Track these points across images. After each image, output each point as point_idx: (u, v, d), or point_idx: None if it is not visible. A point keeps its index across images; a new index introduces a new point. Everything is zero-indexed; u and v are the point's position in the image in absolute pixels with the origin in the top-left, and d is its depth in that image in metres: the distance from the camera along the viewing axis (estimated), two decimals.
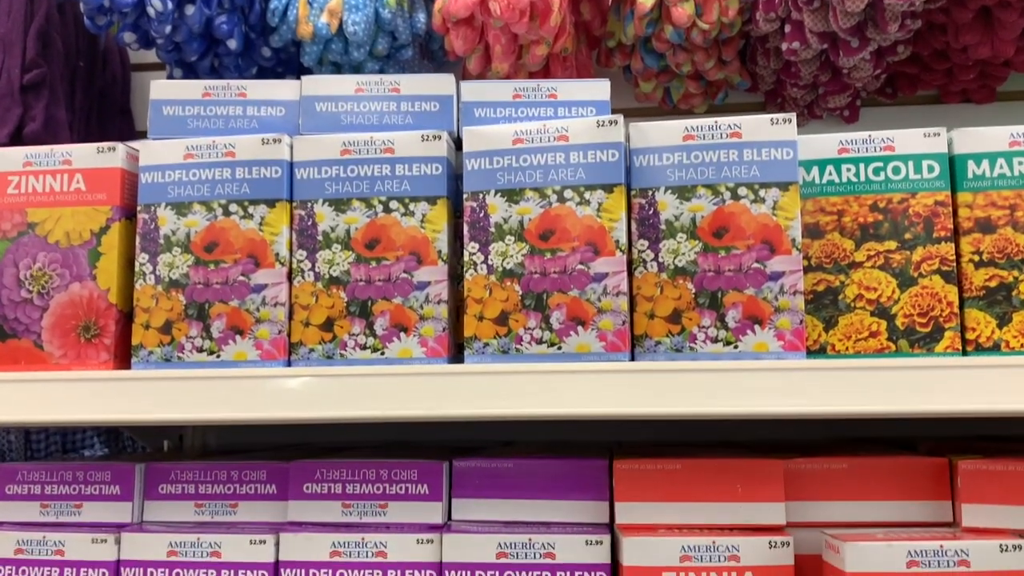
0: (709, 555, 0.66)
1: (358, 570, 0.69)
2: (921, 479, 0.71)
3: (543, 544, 0.69)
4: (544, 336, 0.68)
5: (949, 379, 0.63)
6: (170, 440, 1.08)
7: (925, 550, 0.62)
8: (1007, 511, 0.67)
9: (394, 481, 0.73)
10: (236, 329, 0.71)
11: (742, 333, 0.68)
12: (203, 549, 0.71)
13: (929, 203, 0.71)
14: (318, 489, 0.73)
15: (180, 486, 0.76)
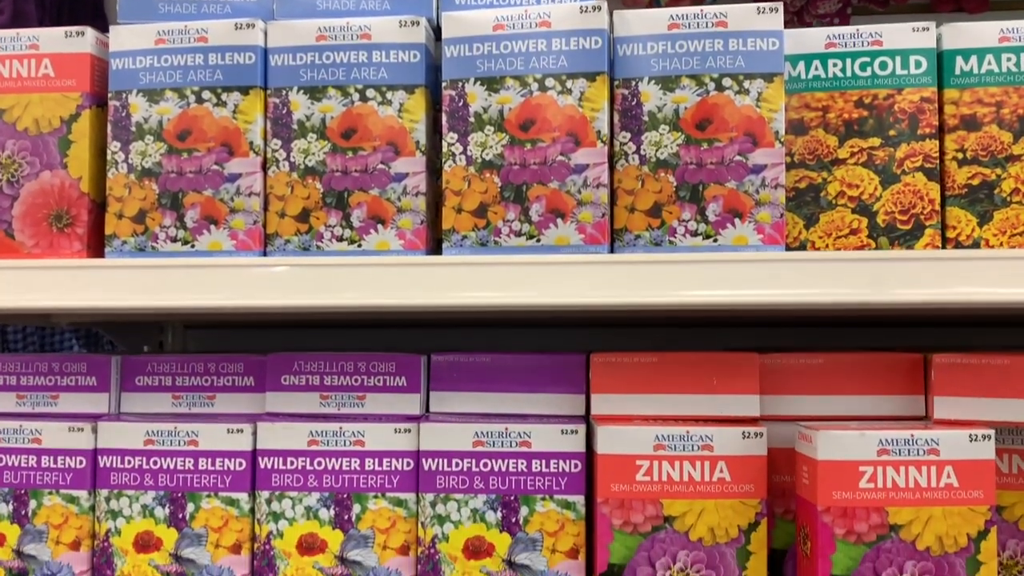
0: (683, 444, 0.67)
1: (336, 458, 0.70)
2: (896, 374, 0.71)
3: (519, 433, 0.69)
4: (523, 228, 0.68)
5: (928, 271, 0.63)
6: (150, 346, 1.08)
7: (896, 439, 0.63)
8: (978, 403, 0.67)
9: (372, 373, 0.73)
10: (210, 219, 0.70)
11: (722, 227, 0.67)
12: (180, 438, 0.71)
13: (915, 99, 0.70)
14: (296, 381, 0.73)
15: (157, 378, 0.76)
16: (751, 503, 0.67)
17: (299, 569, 0.70)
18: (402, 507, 0.70)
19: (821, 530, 0.63)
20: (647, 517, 0.67)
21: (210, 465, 0.71)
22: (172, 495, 0.71)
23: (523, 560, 0.69)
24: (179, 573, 0.70)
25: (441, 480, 0.69)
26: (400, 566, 0.70)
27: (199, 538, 0.70)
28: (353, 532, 0.70)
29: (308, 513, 0.70)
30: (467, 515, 0.69)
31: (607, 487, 0.67)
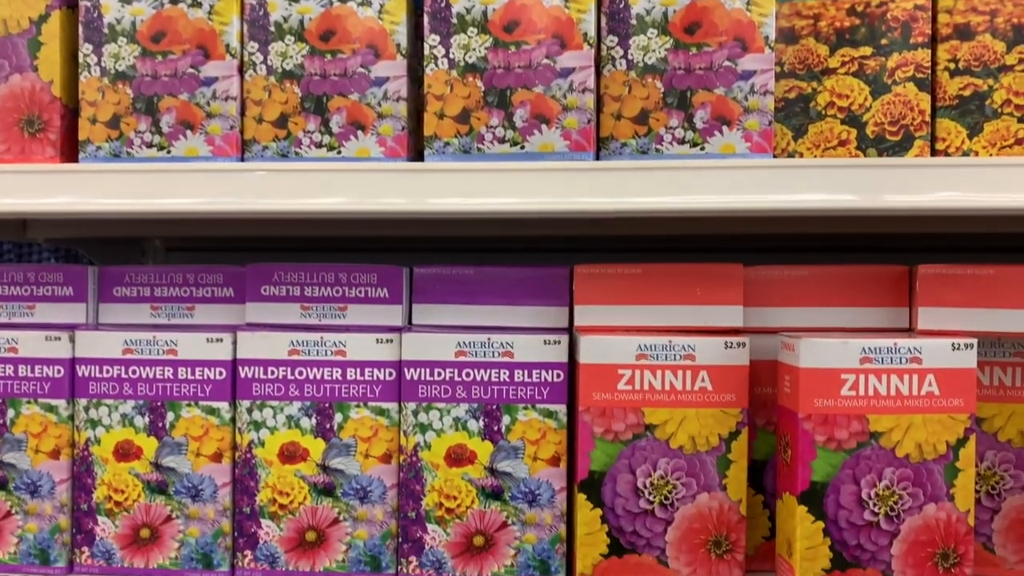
0: (665, 354, 0.67)
1: (317, 368, 0.69)
2: (881, 286, 0.71)
3: (502, 343, 0.69)
4: (507, 135, 0.66)
5: (919, 177, 0.62)
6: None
7: (879, 347, 0.63)
8: (962, 314, 0.67)
9: (353, 285, 0.72)
10: (186, 124, 0.68)
11: (709, 134, 0.66)
12: (159, 347, 0.70)
13: (908, 7, 0.69)
14: (276, 291, 0.72)
15: (135, 289, 0.75)
16: (732, 412, 0.67)
17: (281, 477, 0.70)
18: (384, 416, 0.70)
19: (802, 437, 0.63)
20: (628, 425, 0.67)
21: (190, 374, 0.70)
22: (152, 404, 0.70)
23: (505, 467, 0.69)
24: (160, 481, 0.70)
25: (423, 390, 0.69)
26: (382, 474, 0.70)
27: (179, 447, 0.70)
28: (335, 441, 0.70)
29: (289, 422, 0.70)
30: (449, 424, 0.69)
31: (589, 396, 0.67)
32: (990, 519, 0.71)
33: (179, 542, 0.70)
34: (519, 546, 0.69)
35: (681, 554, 0.67)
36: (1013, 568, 0.71)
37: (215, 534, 0.70)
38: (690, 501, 0.67)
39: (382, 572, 0.70)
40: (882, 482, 0.63)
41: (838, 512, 0.63)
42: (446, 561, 0.69)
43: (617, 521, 0.68)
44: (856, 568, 0.64)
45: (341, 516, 0.70)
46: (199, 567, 0.70)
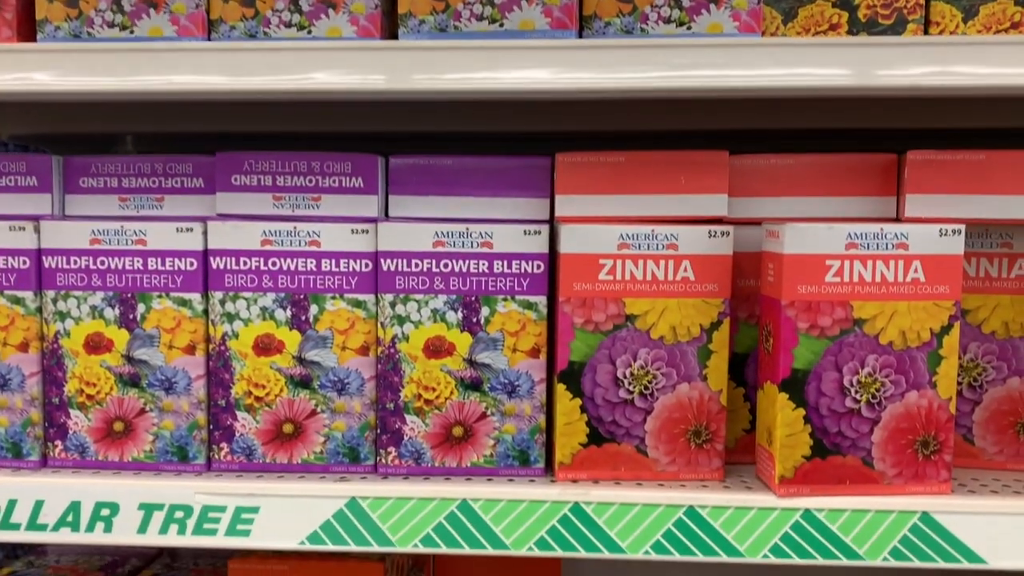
0: (647, 243, 0.65)
1: (291, 259, 0.68)
2: (868, 175, 0.69)
3: (481, 233, 0.67)
4: (485, 12, 0.64)
5: (913, 55, 0.60)
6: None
7: (865, 232, 0.62)
8: (951, 201, 0.66)
9: (327, 174, 0.70)
10: (150, 2, 0.65)
11: (696, 13, 0.64)
12: (127, 237, 0.68)
13: None
14: (247, 181, 0.70)
15: (102, 179, 0.72)
16: (714, 302, 0.66)
17: (256, 370, 0.68)
18: (361, 308, 0.68)
19: (784, 324, 0.62)
20: (609, 316, 0.66)
21: (160, 265, 0.68)
22: (122, 296, 0.68)
23: (484, 359, 0.68)
24: (132, 374, 0.69)
25: (400, 281, 0.67)
26: (360, 366, 0.68)
27: (151, 339, 0.69)
28: (311, 333, 0.68)
29: (264, 314, 0.68)
30: (427, 315, 0.68)
31: (569, 286, 0.66)
32: (971, 411, 0.71)
33: (153, 435, 0.69)
34: (498, 436, 0.69)
35: (660, 444, 0.67)
36: (992, 459, 0.71)
37: (190, 427, 0.69)
38: (670, 391, 0.67)
39: (361, 463, 0.69)
40: (864, 369, 0.63)
41: (819, 400, 0.63)
42: (425, 452, 0.68)
43: (596, 411, 0.67)
44: (836, 455, 0.63)
45: (318, 408, 0.69)
46: (173, 459, 0.69)
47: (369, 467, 0.69)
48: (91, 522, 0.65)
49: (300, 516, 0.65)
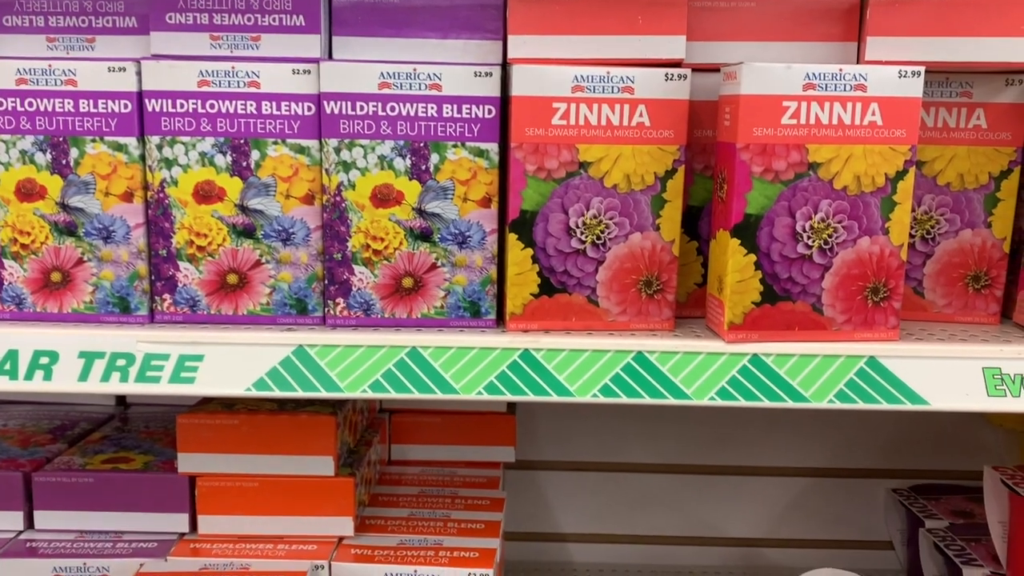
0: (602, 86, 0.63)
1: (229, 101, 0.65)
2: (832, 18, 0.67)
3: (429, 75, 0.64)
4: None
5: None
6: None
7: (823, 73, 0.60)
8: (913, 44, 0.64)
9: (267, 12, 0.66)
10: None
11: None
12: (56, 77, 0.64)
13: None
14: (183, 20, 0.66)
15: (27, 18, 0.68)
16: (669, 149, 0.64)
17: (197, 218, 0.66)
18: (304, 154, 0.66)
19: (739, 168, 0.61)
20: (562, 163, 0.64)
21: (92, 107, 0.65)
22: (52, 140, 0.65)
23: (434, 208, 0.66)
24: (67, 222, 0.66)
25: (345, 125, 0.65)
26: (305, 215, 0.66)
27: (86, 186, 0.66)
28: (253, 180, 0.66)
29: (203, 159, 0.66)
30: (374, 162, 0.65)
31: (521, 131, 0.64)
32: (922, 264, 0.71)
33: (93, 286, 0.67)
34: (449, 288, 0.67)
35: (612, 293, 0.67)
36: (941, 311, 0.72)
37: (131, 277, 0.67)
38: (623, 241, 0.66)
39: (309, 315, 0.68)
40: (818, 215, 0.62)
41: (771, 245, 0.62)
42: (374, 303, 0.67)
43: (548, 261, 0.66)
44: (786, 301, 0.63)
45: (263, 258, 0.67)
46: (115, 311, 0.67)
47: (317, 319, 0.68)
48: (30, 370, 0.64)
49: (246, 364, 0.64)
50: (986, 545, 0.98)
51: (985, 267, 0.71)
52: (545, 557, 1.22)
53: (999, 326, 0.71)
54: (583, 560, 1.22)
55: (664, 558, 1.21)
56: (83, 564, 0.72)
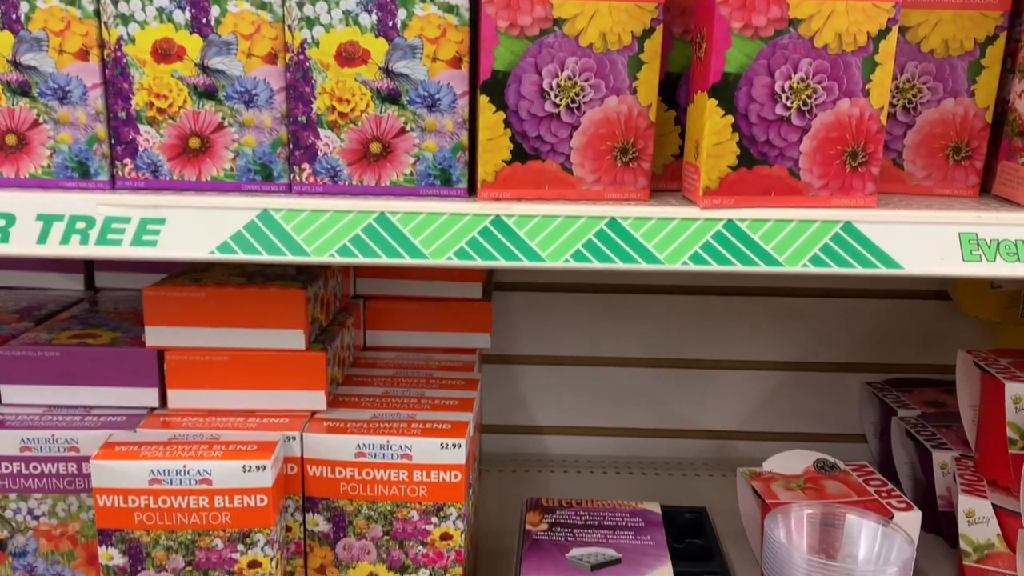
0: None
1: None
2: None
3: None
4: None
5: None
6: None
7: None
8: None
9: None
10: None
11: None
12: None
13: None
14: None
15: None
16: (647, 7, 0.62)
17: (157, 79, 0.64)
18: (266, 10, 0.63)
19: (717, 24, 0.59)
20: (535, 19, 0.62)
21: None
22: None
23: (402, 69, 0.64)
24: (21, 82, 0.63)
25: None
26: (268, 75, 0.64)
27: (39, 43, 0.63)
28: (213, 38, 0.63)
29: (160, 15, 0.63)
30: (338, 18, 0.63)
31: None
32: (903, 134, 0.70)
33: (50, 149, 0.65)
34: (419, 154, 0.66)
35: (586, 161, 0.65)
36: (920, 184, 0.71)
37: (89, 140, 0.65)
38: (598, 104, 0.64)
39: (274, 182, 0.66)
40: (797, 74, 0.60)
41: (749, 106, 0.61)
42: (341, 169, 0.65)
43: (521, 125, 0.64)
44: (763, 165, 0.62)
45: (225, 121, 0.65)
46: (74, 175, 0.65)
47: (283, 185, 0.66)
48: None
49: (209, 227, 0.62)
50: (956, 431, 0.99)
51: (967, 138, 0.69)
52: (521, 449, 1.23)
53: (978, 199, 0.70)
54: (558, 452, 1.23)
55: (639, 450, 1.23)
56: (51, 436, 0.71)
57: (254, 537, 0.68)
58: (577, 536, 0.78)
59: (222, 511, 0.67)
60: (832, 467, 0.90)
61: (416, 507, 0.73)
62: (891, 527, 0.74)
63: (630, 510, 0.83)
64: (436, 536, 0.74)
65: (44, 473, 0.72)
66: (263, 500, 0.67)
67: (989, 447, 0.86)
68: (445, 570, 0.74)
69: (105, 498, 0.67)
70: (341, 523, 0.74)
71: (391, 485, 0.73)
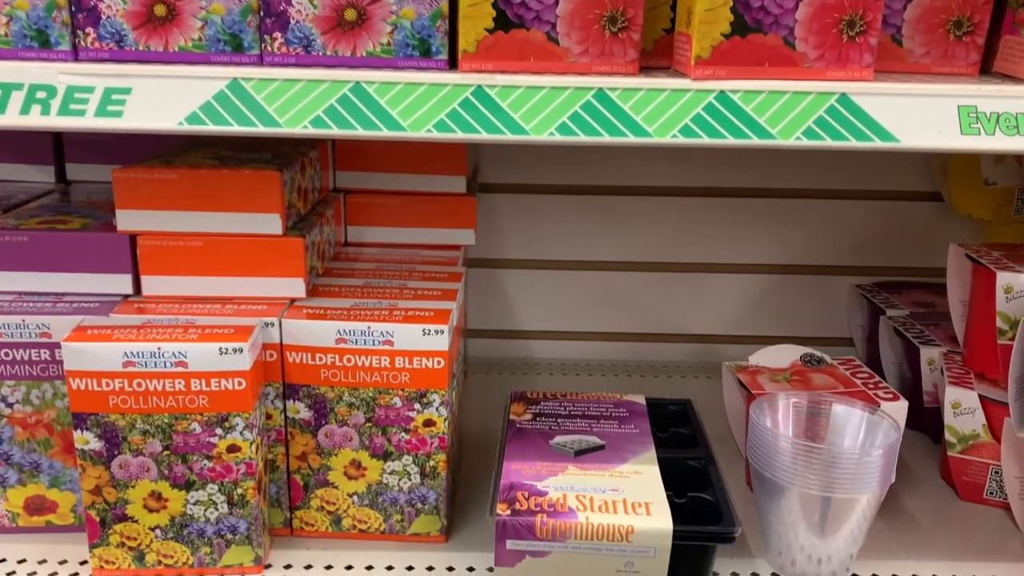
0: None
1: None
2: None
3: None
4: None
5: None
6: None
7: None
8: None
9: None
10: None
11: None
12: None
13: None
14: None
15: None
16: None
17: None
18: None
19: None
20: None
21: None
22: None
23: None
24: None
25: None
26: None
27: None
28: None
29: None
30: None
31: None
32: (903, 8, 0.67)
33: (7, 16, 0.61)
34: (396, 22, 0.62)
35: (573, 31, 0.62)
36: (919, 61, 0.68)
37: (48, 7, 0.61)
38: None
39: (245, 52, 0.63)
40: None
41: None
42: (315, 38, 0.62)
43: None
44: (757, 33, 0.59)
45: None
46: (33, 45, 0.62)
47: (254, 57, 0.63)
48: None
49: (178, 97, 0.59)
50: (945, 328, 0.98)
51: (968, 11, 0.66)
52: (507, 354, 1.22)
53: (978, 77, 0.67)
54: (544, 356, 1.23)
55: (625, 354, 1.22)
56: (22, 321, 0.70)
57: (232, 421, 0.67)
58: (561, 425, 0.78)
59: (199, 394, 0.66)
60: (819, 361, 0.89)
61: (399, 394, 0.72)
62: (877, 414, 0.73)
63: (615, 401, 0.82)
64: (419, 423, 0.73)
65: (16, 360, 0.70)
66: (241, 383, 0.66)
67: (978, 339, 0.85)
68: (428, 456, 0.74)
69: (78, 381, 0.65)
70: (323, 410, 0.73)
71: (373, 372, 0.72)
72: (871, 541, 0.77)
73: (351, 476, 0.75)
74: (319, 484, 0.75)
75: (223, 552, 0.70)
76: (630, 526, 0.63)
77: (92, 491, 0.68)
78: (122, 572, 0.70)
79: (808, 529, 0.70)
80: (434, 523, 0.76)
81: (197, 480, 0.68)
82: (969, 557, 0.77)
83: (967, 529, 0.81)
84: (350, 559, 0.74)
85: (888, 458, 0.68)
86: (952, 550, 0.78)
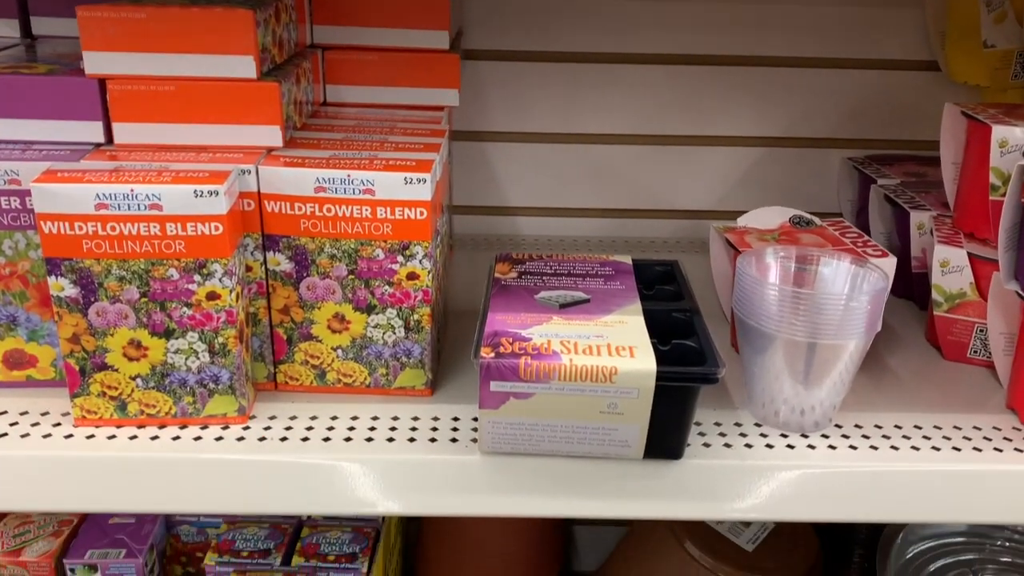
0: None
1: None
2: None
3: None
4: None
5: None
6: None
7: None
8: None
9: None
10: None
11: None
12: None
13: None
14: None
15: None
16: None
17: None
18: None
19: None
20: None
21: None
22: None
23: None
24: None
25: None
26: None
27: None
28: None
29: None
30: None
31: None
32: None
33: None
34: None
35: None
36: None
37: None
38: None
39: None
40: None
41: None
42: None
43: None
44: None
45: None
46: None
47: None
48: None
49: None
50: (936, 195, 0.97)
51: None
52: (493, 230, 1.21)
53: None
54: (532, 232, 1.21)
55: (613, 230, 1.21)
56: None
57: (211, 267, 0.66)
58: (547, 282, 0.77)
59: (175, 239, 0.64)
60: (808, 222, 0.88)
61: (381, 245, 0.71)
62: (866, 266, 0.73)
63: (601, 261, 0.81)
64: (403, 275, 0.72)
65: None
66: (218, 228, 0.64)
67: (970, 198, 0.84)
68: (412, 310, 0.73)
69: (50, 224, 0.63)
70: (304, 262, 0.72)
71: (354, 222, 0.70)
72: (854, 395, 0.78)
73: (335, 330, 0.74)
74: (302, 338, 0.74)
75: (206, 402, 0.70)
76: (614, 367, 0.62)
77: (70, 339, 0.67)
78: (104, 421, 0.70)
79: (792, 379, 0.70)
80: (419, 377, 0.75)
81: (177, 328, 0.67)
82: (951, 409, 0.77)
83: (950, 385, 0.82)
84: (335, 411, 0.74)
85: (875, 305, 0.68)
86: (934, 403, 0.78)
